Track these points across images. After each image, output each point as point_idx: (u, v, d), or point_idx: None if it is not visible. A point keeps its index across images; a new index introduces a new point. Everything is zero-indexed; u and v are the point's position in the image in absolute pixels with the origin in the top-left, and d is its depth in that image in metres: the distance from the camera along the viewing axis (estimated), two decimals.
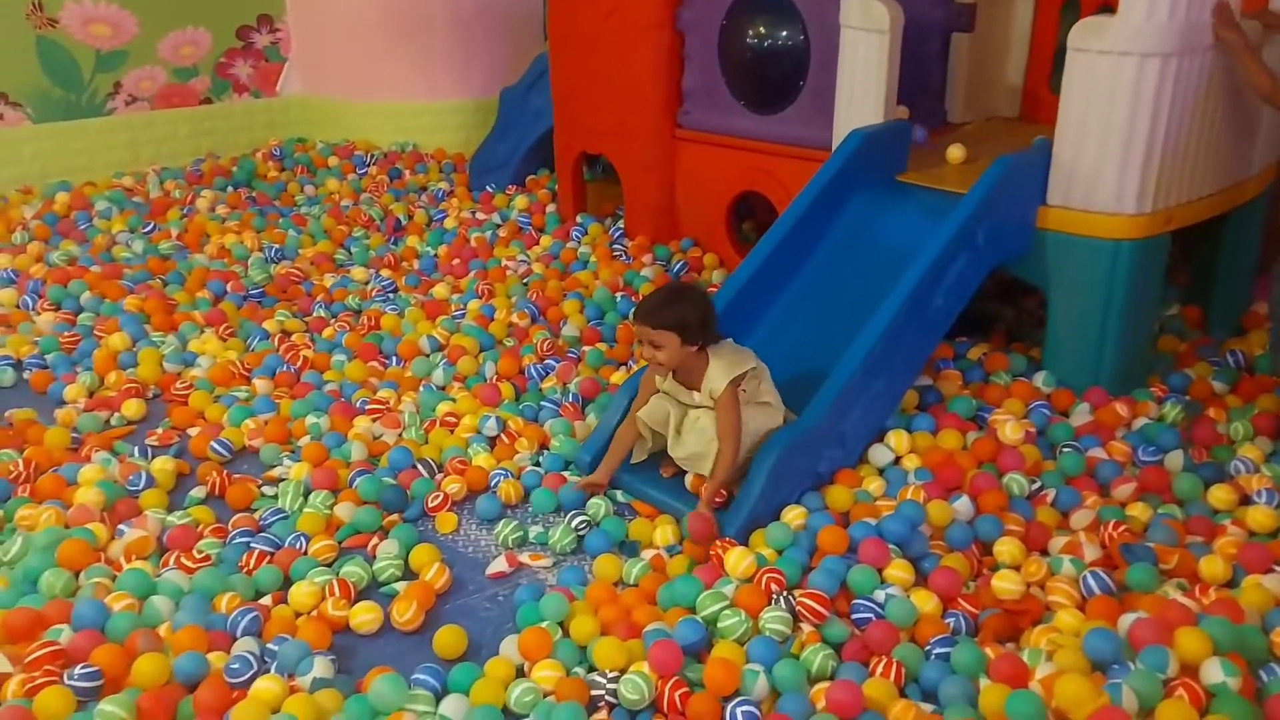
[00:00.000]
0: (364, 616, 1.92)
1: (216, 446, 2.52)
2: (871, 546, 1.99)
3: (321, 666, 1.76)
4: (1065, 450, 2.38)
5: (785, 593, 1.91)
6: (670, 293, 2.28)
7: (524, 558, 2.15)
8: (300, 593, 1.96)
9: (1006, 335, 3.03)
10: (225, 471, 2.43)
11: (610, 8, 3.66)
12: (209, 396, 2.79)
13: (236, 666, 1.75)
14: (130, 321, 3.16)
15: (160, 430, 2.64)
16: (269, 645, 1.84)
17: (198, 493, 2.36)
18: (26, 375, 2.95)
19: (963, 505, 2.13)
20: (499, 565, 2.13)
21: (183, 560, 2.06)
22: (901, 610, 1.86)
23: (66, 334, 3.13)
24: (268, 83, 5.18)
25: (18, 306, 3.36)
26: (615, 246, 3.77)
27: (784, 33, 3.28)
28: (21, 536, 2.10)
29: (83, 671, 1.70)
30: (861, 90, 2.84)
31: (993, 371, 2.72)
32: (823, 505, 2.19)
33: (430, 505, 2.31)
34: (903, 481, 2.25)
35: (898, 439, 2.36)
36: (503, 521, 2.24)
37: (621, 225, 3.91)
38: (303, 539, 2.13)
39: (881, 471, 2.33)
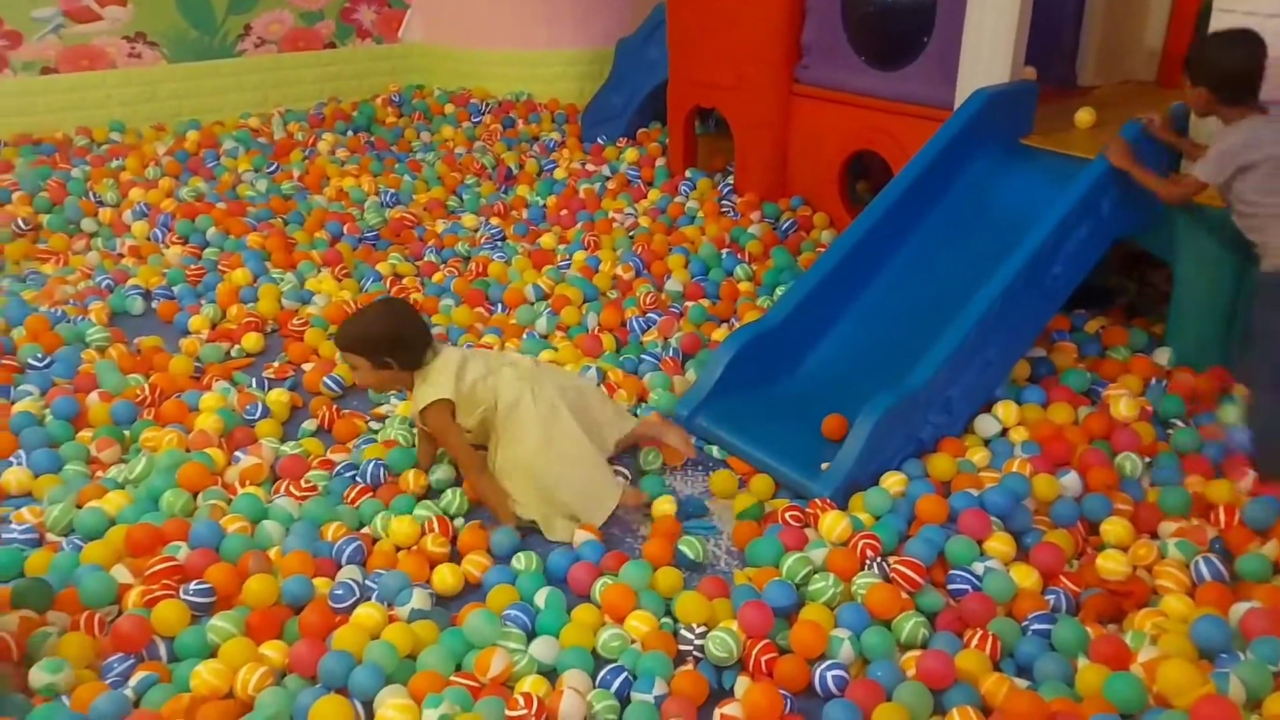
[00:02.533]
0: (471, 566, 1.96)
1: (328, 382, 2.60)
2: (972, 517, 1.94)
3: (420, 598, 1.81)
4: (1178, 427, 2.28)
5: (880, 559, 1.88)
6: (366, 310, 2.15)
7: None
8: (401, 527, 2.02)
9: (1128, 310, 2.90)
10: (335, 406, 2.51)
11: None
12: (323, 334, 2.87)
13: (340, 593, 1.82)
14: (252, 258, 3.27)
15: (277, 364, 2.73)
16: (370, 575, 1.91)
17: (309, 425, 2.45)
18: (154, 305, 3.09)
19: (1070, 481, 2.06)
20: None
21: (292, 489, 2.14)
22: (1000, 584, 1.82)
23: (193, 267, 3.26)
24: (390, 29, 5.26)
25: (149, 239, 3.51)
26: (723, 202, 3.73)
27: None
28: (145, 457, 2.21)
29: (197, 588, 1.79)
30: (989, 49, 2.73)
31: (1110, 346, 2.61)
32: (924, 473, 2.15)
33: None
34: (1008, 454, 2.19)
35: (1006, 410, 2.30)
36: None
37: (731, 181, 3.87)
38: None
39: (987, 442, 2.27)
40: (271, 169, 4.12)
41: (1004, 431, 2.29)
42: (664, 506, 2.11)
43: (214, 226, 3.51)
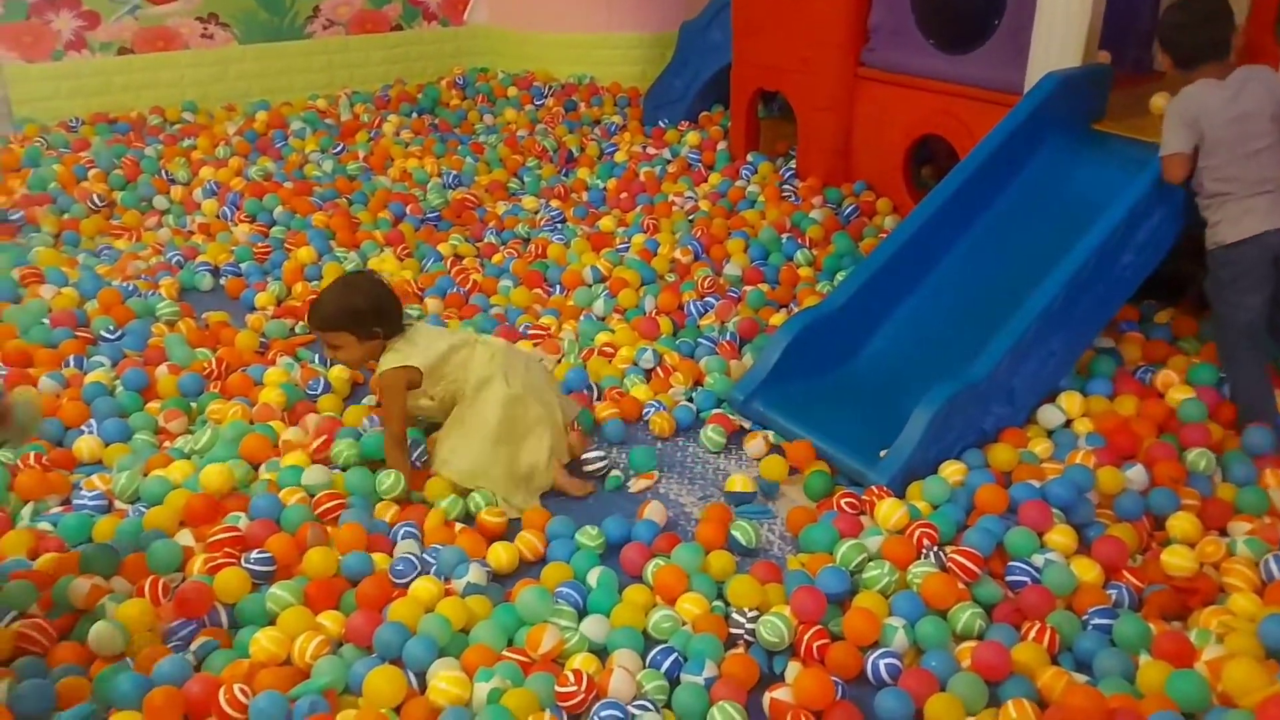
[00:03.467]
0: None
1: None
2: (1033, 509, 1.91)
3: (476, 573, 1.83)
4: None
5: (937, 548, 1.86)
6: (337, 287, 2.15)
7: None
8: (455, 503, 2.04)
9: (1199, 299, 2.82)
10: None
11: None
12: None
13: (401, 567, 1.84)
14: (317, 237, 3.32)
15: None
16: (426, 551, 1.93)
17: (369, 400, 2.48)
18: (222, 281, 3.15)
19: (1136, 474, 2.01)
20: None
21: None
22: (1060, 576, 1.78)
23: (260, 245, 3.32)
24: (455, 11, 5.29)
25: (218, 217, 3.58)
26: (785, 187, 3.70)
27: None
28: (210, 428, 2.26)
29: (258, 556, 1.82)
30: (1061, 31, 2.66)
31: (1181, 337, 2.54)
32: (984, 463, 2.11)
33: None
34: (1072, 445, 2.14)
35: (1070, 401, 2.25)
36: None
37: (793, 166, 3.83)
38: None
39: (1050, 434, 2.23)
40: (337, 150, 4.17)
41: (1068, 423, 2.24)
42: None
43: (281, 205, 3.58)
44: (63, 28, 4.34)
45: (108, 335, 2.71)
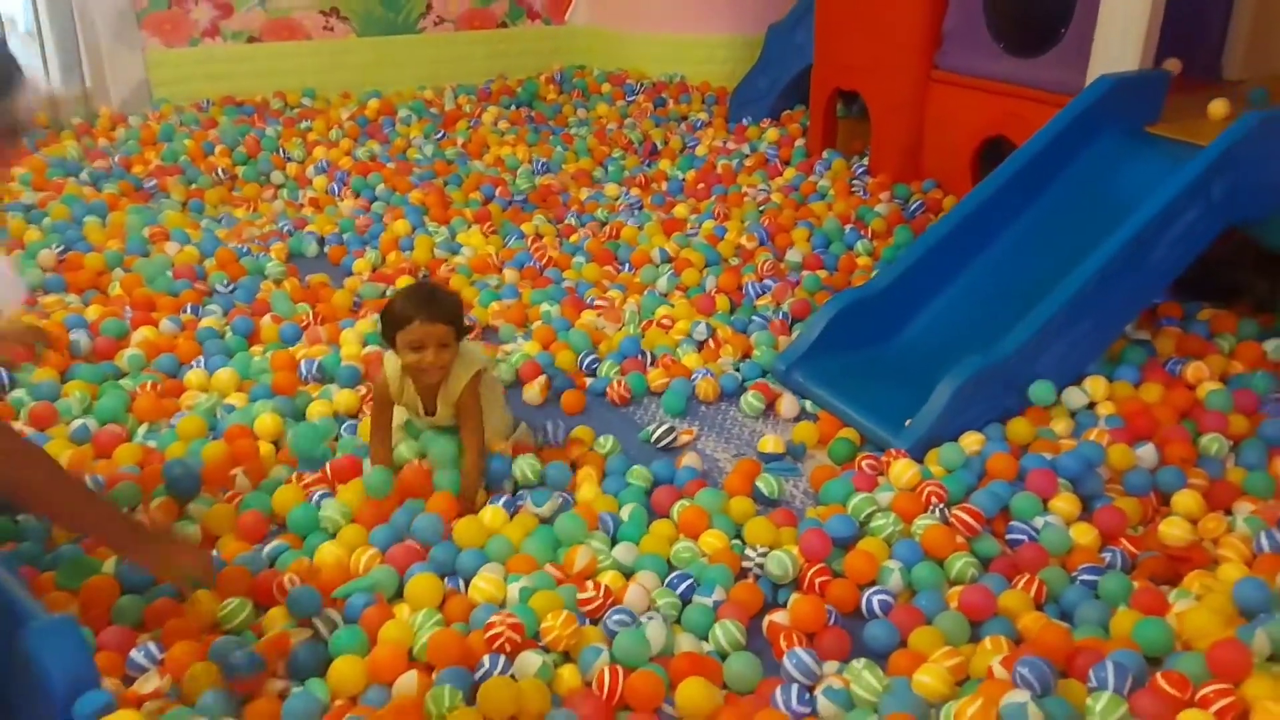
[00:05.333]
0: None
1: (465, 321, 2.88)
2: (1040, 476, 2.03)
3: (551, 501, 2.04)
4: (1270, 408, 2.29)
5: (944, 506, 2.00)
6: (437, 288, 2.21)
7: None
8: None
9: (1256, 309, 2.86)
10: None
11: None
12: (467, 280, 3.16)
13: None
14: (412, 212, 3.60)
15: None
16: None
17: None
18: (326, 249, 3.44)
19: (1146, 452, 2.11)
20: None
21: None
22: (1057, 537, 1.90)
23: (362, 218, 3.62)
24: (558, 11, 5.57)
25: (327, 192, 3.90)
26: (855, 183, 3.84)
27: None
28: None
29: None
30: (1119, 38, 2.76)
31: (1217, 333, 2.61)
32: (1004, 436, 2.24)
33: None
34: (1093, 426, 2.25)
35: (1095, 385, 2.35)
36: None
37: (867, 163, 3.97)
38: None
39: (1074, 414, 2.33)
40: (439, 136, 4.47)
41: (1092, 405, 2.34)
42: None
43: (383, 184, 3.88)
44: (200, 17, 4.75)
45: (221, 289, 3.02)
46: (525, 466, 2.13)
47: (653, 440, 2.37)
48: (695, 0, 5.14)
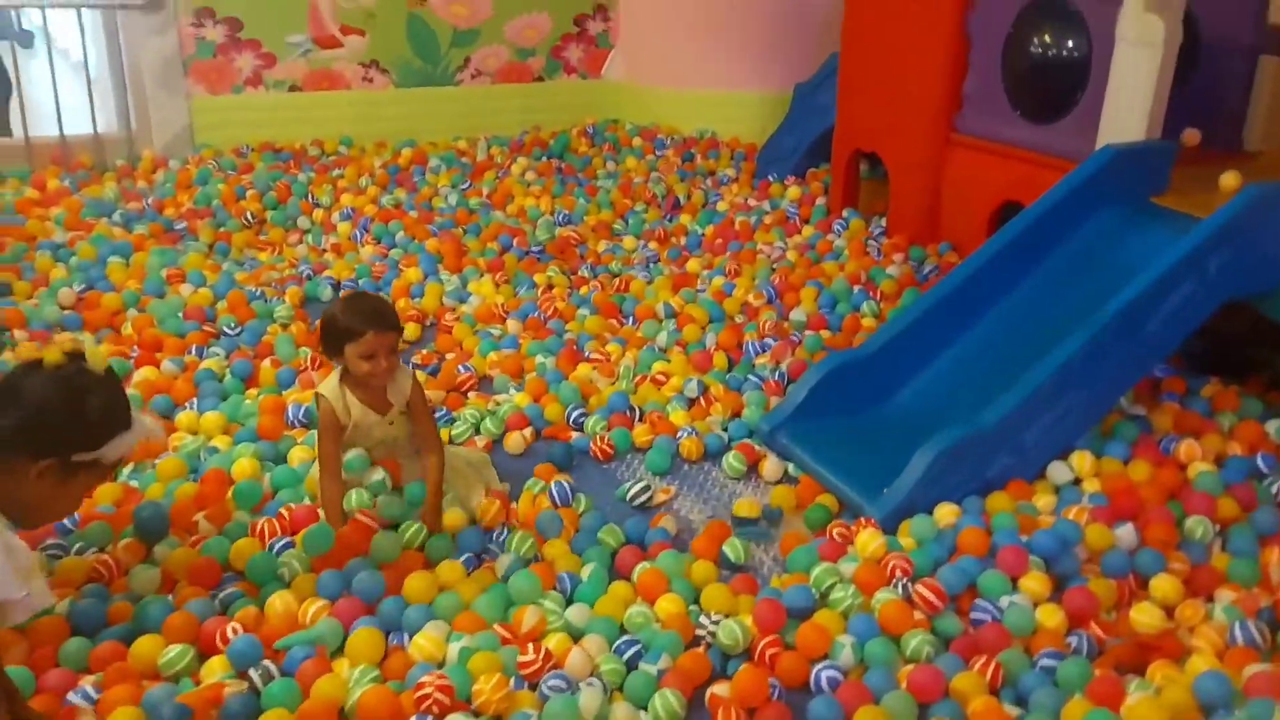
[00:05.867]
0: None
1: (462, 369, 2.90)
2: (1011, 553, 1.97)
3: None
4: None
5: (908, 580, 1.94)
6: (373, 295, 2.33)
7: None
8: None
9: (1270, 384, 2.77)
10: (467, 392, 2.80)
11: (900, 10, 3.70)
12: (470, 329, 3.18)
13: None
14: (427, 260, 3.65)
15: (425, 351, 3.06)
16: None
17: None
18: (340, 294, 3.50)
19: (1125, 533, 2.04)
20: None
21: None
22: (1021, 618, 1.84)
23: (378, 264, 3.68)
24: (594, 66, 5.65)
25: (350, 238, 3.98)
26: (871, 243, 3.82)
27: (1068, 43, 3.17)
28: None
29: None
30: (1127, 108, 2.72)
31: (1219, 411, 2.52)
32: (982, 509, 2.18)
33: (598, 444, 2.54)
34: (1076, 503, 2.18)
35: (1081, 460, 2.28)
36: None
37: (886, 224, 3.94)
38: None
39: (1058, 490, 2.27)
40: (465, 186, 4.54)
41: (1078, 481, 2.28)
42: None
43: (403, 231, 3.95)
44: (244, 66, 4.91)
45: (229, 331, 3.09)
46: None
47: (628, 498, 2.35)
48: (728, 57, 5.19)
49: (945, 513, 2.14)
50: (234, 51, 4.87)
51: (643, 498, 2.35)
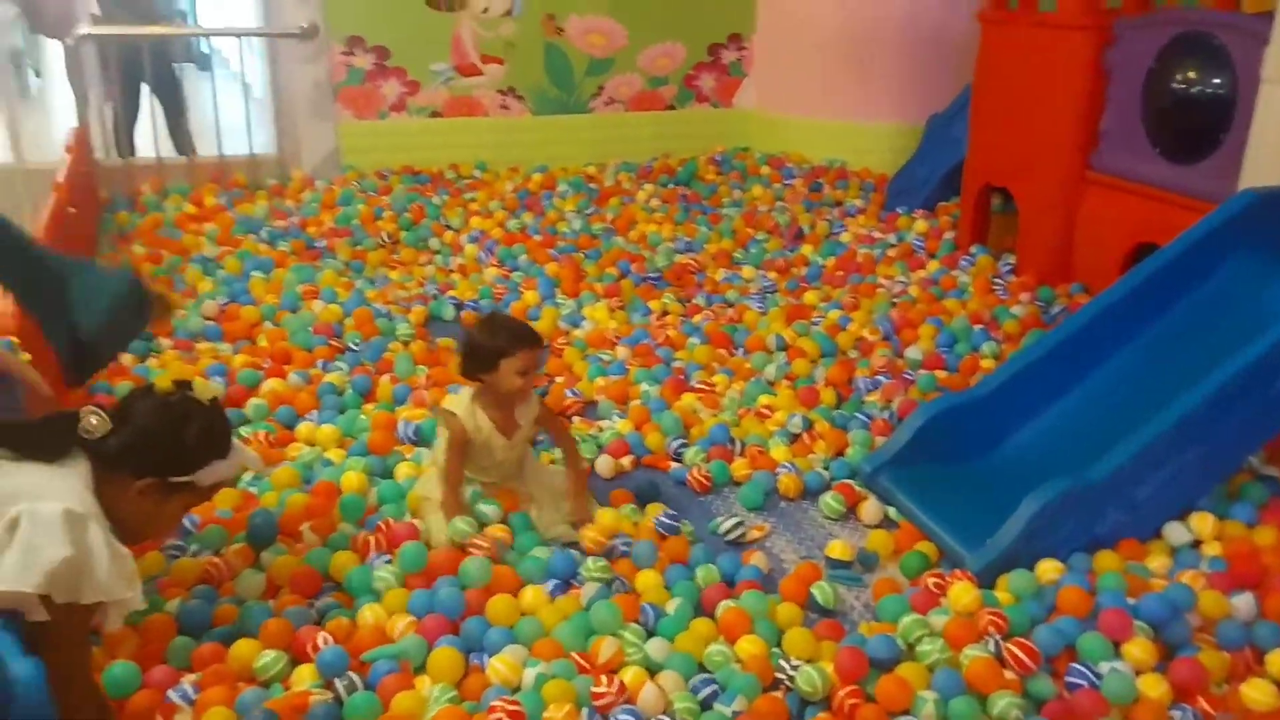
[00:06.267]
0: None
1: (569, 394, 2.95)
2: (1114, 617, 1.87)
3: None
4: None
5: (1000, 637, 1.87)
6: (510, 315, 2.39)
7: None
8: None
9: None
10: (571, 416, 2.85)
11: (1038, 42, 3.60)
12: (580, 354, 3.24)
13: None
14: (546, 283, 3.73)
15: (536, 374, 3.12)
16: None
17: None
18: (462, 313, 3.62)
19: (1243, 602, 1.91)
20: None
21: None
22: (1121, 686, 1.75)
23: (500, 285, 3.79)
24: (726, 94, 5.68)
25: (475, 260, 4.11)
26: (998, 281, 3.70)
27: (1214, 81, 3.03)
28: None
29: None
30: (1271, 148, 2.57)
31: None
32: (1089, 568, 2.08)
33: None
34: (1193, 566, 2.06)
35: (1202, 521, 2.15)
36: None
37: (1014, 261, 3.82)
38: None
39: (1174, 551, 2.15)
40: (590, 211, 4.63)
41: (1197, 544, 2.15)
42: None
43: (526, 254, 4.05)
44: (389, 93, 5.14)
45: (354, 346, 3.22)
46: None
47: (721, 533, 2.34)
48: (862, 87, 5.13)
49: (1048, 569, 2.05)
50: (381, 79, 5.10)
51: (736, 533, 2.33)
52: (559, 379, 3.08)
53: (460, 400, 2.23)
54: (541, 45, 5.29)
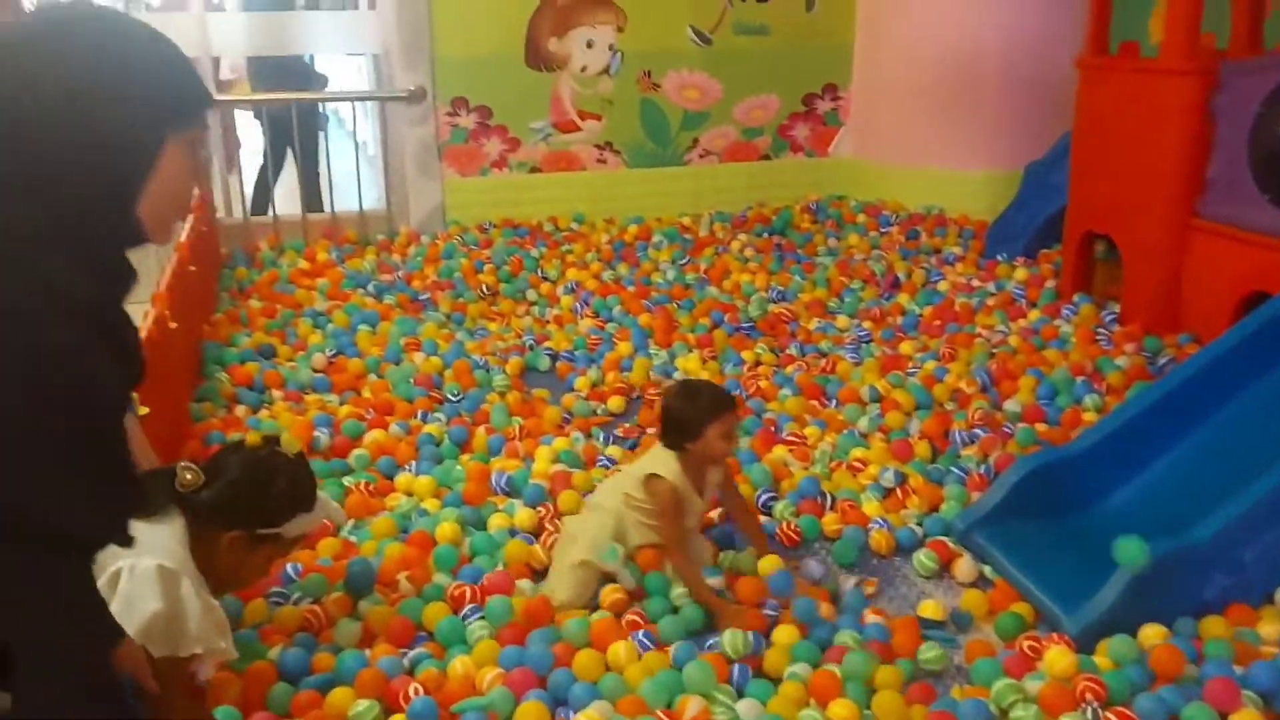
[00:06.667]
0: None
1: None
2: (1220, 686, 1.80)
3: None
4: None
5: (1099, 705, 1.81)
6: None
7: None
8: None
9: None
10: None
11: (1140, 88, 3.53)
12: None
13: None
14: (638, 334, 3.78)
15: (627, 424, 3.17)
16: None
17: None
18: (558, 364, 3.69)
19: None
20: None
21: None
22: None
23: (594, 336, 3.85)
24: (821, 144, 5.70)
25: (571, 311, 4.19)
26: (1101, 331, 3.60)
27: None
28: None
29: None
30: None
31: None
32: (1194, 633, 2.00)
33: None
34: None
35: None
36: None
37: (1118, 310, 3.72)
38: None
39: None
40: (684, 261, 4.68)
41: None
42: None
43: (619, 305, 4.11)
44: (491, 150, 5.30)
45: (452, 397, 3.31)
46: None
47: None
48: (959, 134, 5.09)
49: (1150, 634, 1.98)
50: (483, 137, 5.27)
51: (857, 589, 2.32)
52: (650, 430, 3.11)
53: (668, 465, 2.21)
54: (638, 101, 5.40)
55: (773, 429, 3.04)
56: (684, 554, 2.20)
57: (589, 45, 5.28)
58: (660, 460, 2.23)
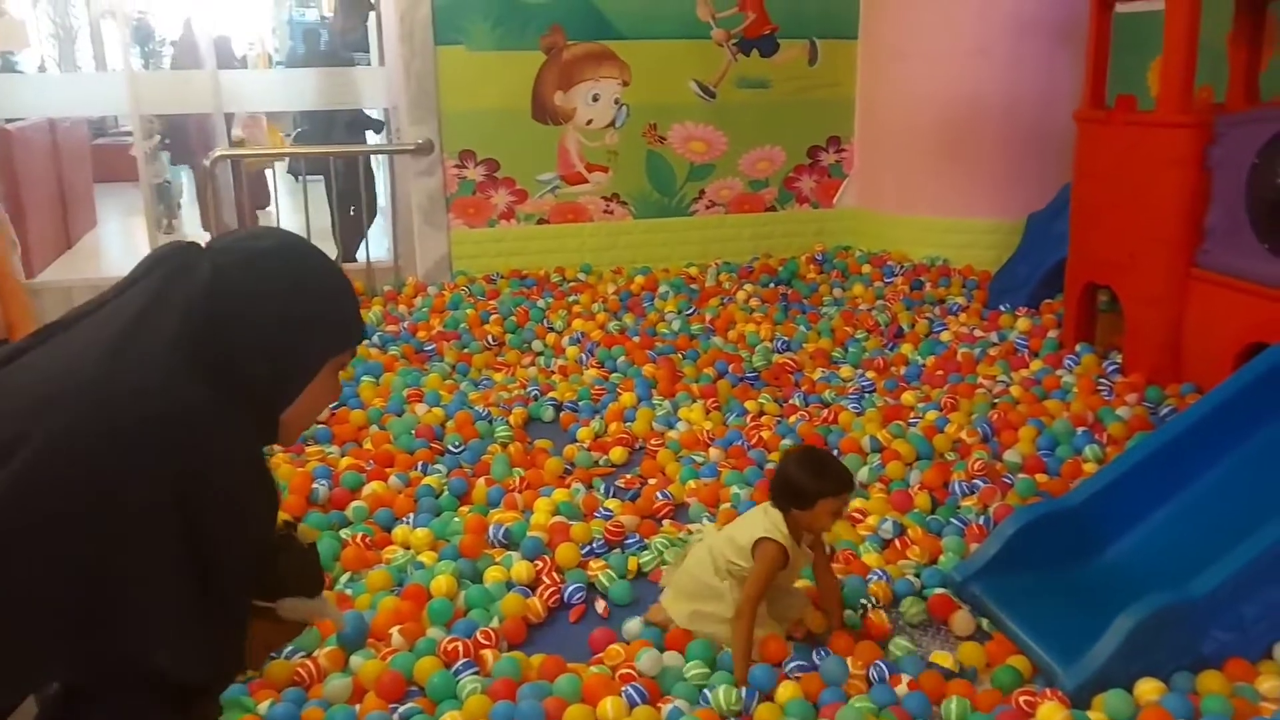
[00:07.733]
0: None
1: (660, 495, 2.97)
2: None
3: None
4: None
5: None
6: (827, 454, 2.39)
7: None
8: None
9: None
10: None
11: (1137, 140, 3.55)
12: (673, 455, 3.26)
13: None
14: (642, 385, 3.80)
15: (628, 475, 3.16)
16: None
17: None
18: (561, 414, 3.70)
19: None
20: None
21: None
22: None
23: (598, 387, 3.87)
24: (826, 195, 5.74)
25: (577, 361, 4.21)
26: (1103, 381, 3.59)
27: None
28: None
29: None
30: None
31: None
32: (1191, 688, 1.97)
33: None
34: None
35: None
36: None
37: (1120, 361, 3.71)
38: None
39: None
40: (690, 311, 4.70)
41: None
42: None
43: (624, 355, 4.13)
44: (499, 202, 5.36)
45: (453, 449, 3.33)
46: None
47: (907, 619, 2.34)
48: (963, 185, 5.12)
49: (1147, 689, 1.96)
50: (491, 189, 5.34)
51: (919, 618, 2.32)
52: (651, 480, 3.11)
53: (778, 528, 2.18)
54: (644, 153, 5.46)
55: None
56: (752, 621, 2.15)
57: (594, 99, 5.36)
58: (772, 522, 2.18)
